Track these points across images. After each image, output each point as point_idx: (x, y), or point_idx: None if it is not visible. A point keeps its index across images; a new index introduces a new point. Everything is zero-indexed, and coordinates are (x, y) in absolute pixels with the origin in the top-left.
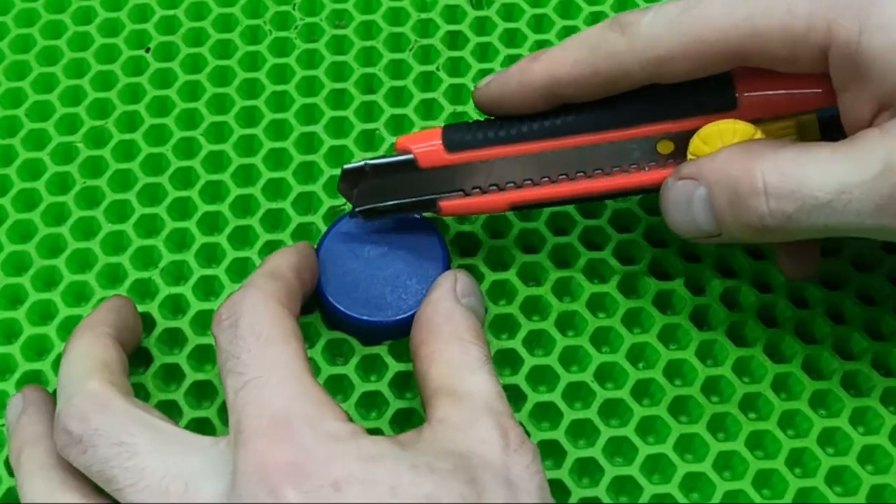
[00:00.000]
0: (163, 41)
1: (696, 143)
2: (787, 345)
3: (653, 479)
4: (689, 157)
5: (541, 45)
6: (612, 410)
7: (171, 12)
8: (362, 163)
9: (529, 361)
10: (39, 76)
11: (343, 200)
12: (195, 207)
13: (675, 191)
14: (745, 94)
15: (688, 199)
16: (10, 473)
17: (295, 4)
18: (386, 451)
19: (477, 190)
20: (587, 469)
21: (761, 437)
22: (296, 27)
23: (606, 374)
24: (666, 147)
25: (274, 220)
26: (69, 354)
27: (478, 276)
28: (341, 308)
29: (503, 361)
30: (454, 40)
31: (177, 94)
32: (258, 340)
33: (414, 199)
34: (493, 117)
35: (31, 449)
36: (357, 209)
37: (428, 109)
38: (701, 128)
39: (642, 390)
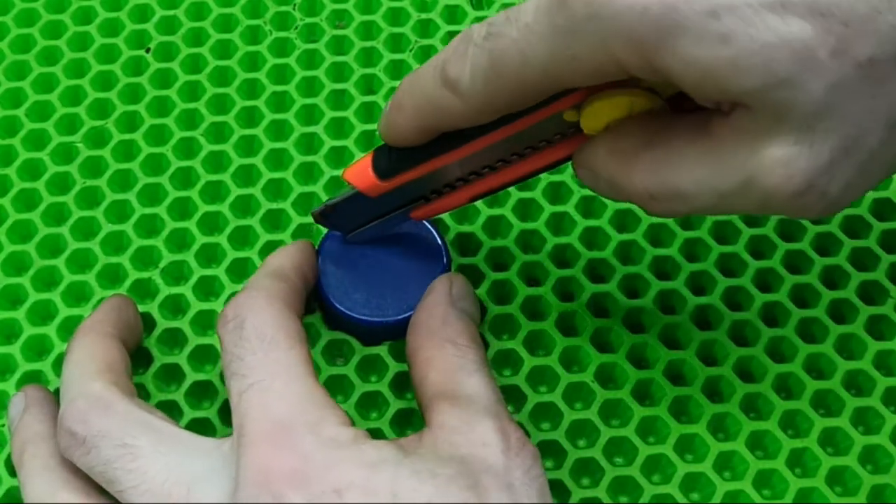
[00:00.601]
0: (163, 41)
1: (585, 121)
2: (788, 345)
3: (653, 479)
4: (585, 131)
5: None
6: (613, 411)
7: (171, 12)
8: (323, 206)
9: (530, 362)
10: (39, 76)
11: None
12: (195, 207)
13: (581, 175)
14: None
15: (595, 184)
16: (11, 473)
17: (295, 4)
18: (387, 457)
19: (435, 195)
20: (587, 469)
21: (761, 437)
22: (296, 27)
23: (607, 375)
24: (572, 116)
25: (274, 221)
26: (72, 355)
27: (478, 276)
28: (342, 308)
29: (503, 362)
30: None
31: (177, 94)
32: (263, 343)
33: (384, 218)
34: None
35: (34, 448)
36: (346, 236)
37: None
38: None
39: (642, 390)
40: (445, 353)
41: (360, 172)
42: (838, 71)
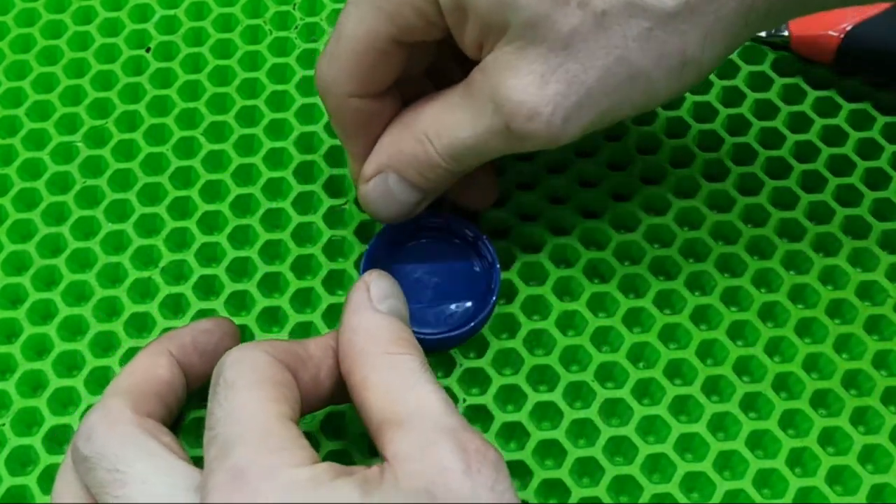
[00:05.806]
0: (163, 41)
1: None
2: (788, 344)
3: (653, 478)
4: None
5: None
6: (613, 410)
7: (171, 12)
8: None
9: (530, 361)
10: (39, 76)
11: (343, 200)
12: (195, 207)
13: (373, 191)
14: None
15: (386, 191)
16: (11, 473)
17: (295, 4)
18: (347, 499)
19: None
20: (587, 469)
21: (761, 437)
22: (296, 27)
23: (607, 374)
24: None
25: (274, 220)
26: (128, 363)
27: None
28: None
29: (504, 361)
30: None
31: (177, 93)
32: (229, 390)
33: None
34: None
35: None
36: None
37: None
38: None
39: (642, 390)
40: (379, 370)
41: None
42: (581, 16)
